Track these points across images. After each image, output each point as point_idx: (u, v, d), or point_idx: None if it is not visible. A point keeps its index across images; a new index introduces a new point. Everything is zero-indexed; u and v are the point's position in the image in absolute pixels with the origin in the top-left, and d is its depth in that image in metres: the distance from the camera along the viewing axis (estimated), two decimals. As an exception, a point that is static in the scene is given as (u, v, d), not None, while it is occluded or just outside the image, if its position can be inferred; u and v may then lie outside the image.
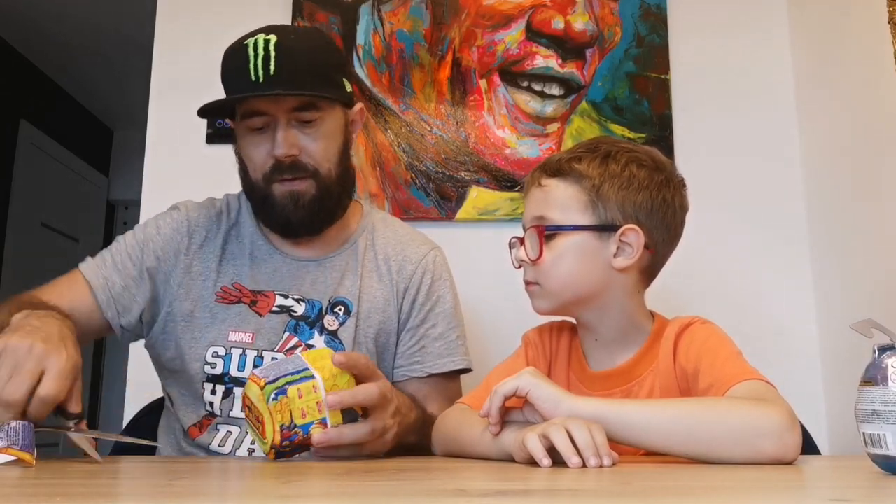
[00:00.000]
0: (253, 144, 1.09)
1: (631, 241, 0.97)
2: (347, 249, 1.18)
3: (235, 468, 0.81)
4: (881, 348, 0.64)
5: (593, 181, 0.98)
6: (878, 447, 0.61)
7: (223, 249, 1.15)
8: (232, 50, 1.10)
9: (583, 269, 0.98)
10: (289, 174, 1.08)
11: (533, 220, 1.01)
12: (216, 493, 0.56)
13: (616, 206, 0.97)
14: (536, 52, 1.81)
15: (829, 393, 1.64)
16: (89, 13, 3.28)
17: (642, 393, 0.98)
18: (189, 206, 1.19)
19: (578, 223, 0.98)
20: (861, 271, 1.52)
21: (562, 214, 0.99)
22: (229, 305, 1.12)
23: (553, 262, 0.98)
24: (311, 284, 1.14)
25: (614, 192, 0.98)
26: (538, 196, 1.02)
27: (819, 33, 1.71)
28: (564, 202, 0.99)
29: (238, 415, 1.08)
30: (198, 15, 1.88)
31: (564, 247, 0.98)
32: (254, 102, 1.06)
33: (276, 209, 1.10)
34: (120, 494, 0.53)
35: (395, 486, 0.61)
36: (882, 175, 1.44)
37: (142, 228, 1.17)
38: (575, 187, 0.99)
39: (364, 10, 1.84)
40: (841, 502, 0.47)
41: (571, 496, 0.53)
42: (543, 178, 1.01)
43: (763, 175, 1.77)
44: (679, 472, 0.72)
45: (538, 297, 1.02)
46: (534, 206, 1.02)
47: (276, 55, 1.03)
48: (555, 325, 1.11)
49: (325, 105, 1.09)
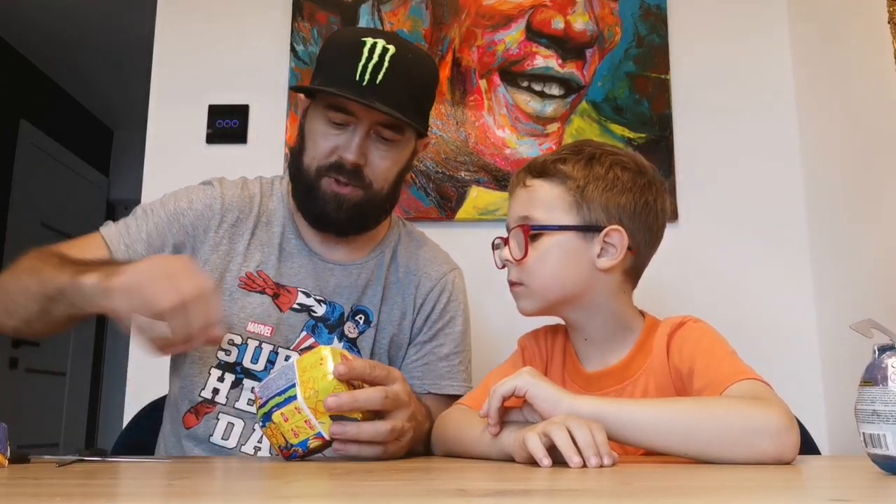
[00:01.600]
0: (324, 134, 1.08)
1: (615, 241, 0.98)
2: (374, 259, 1.18)
3: (236, 468, 0.81)
4: (881, 348, 0.64)
5: (578, 182, 0.99)
6: (878, 447, 0.61)
7: (253, 234, 1.14)
8: (343, 39, 1.09)
9: (567, 269, 0.99)
10: (345, 177, 1.07)
11: (518, 220, 1.01)
12: (216, 493, 0.56)
13: (600, 207, 0.99)
14: (536, 52, 1.81)
15: (829, 393, 1.64)
16: (89, 13, 3.28)
17: (637, 392, 0.98)
18: (224, 184, 1.17)
19: (563, 223, 0.99)
20: (861, 271, 1.51)
21: (546, 214, 0.99)
22: (250, 292, 1.11)
23: (537, 262, 0.99)
24: (334, 287, 1.14)
25: (598, 193, 0.99)
26: (523, 196, 1.02)
27: (819, 33, 1.71)
28: (549, 202, 1.00)
29: (245, 407, 1.08)
30: (198, 15, 1.89)
31: (549, 246, 0.99)
32: (349, 102, 1.04)
33: (317, 202, 1.09)
34: (120, 494, 0.53)
35: (395, 486, 0.61)
36: (882, 175, 1.44)
37: (172, 200, 1.14)
38: (560, 188, 1.00)
39: (364, 10, 1.84)
40: (841, 502, 0.47)
41: (571, 496, 0.53)
42: (528, 178, 1.02)
43: (763, 175, 1.77)
44: (679, 472, 0.72)
45: (523, 298, 1.02)
46: (518, 207, 1.02)
47: (388, 66, 1.03)
48: (549, 328, 1.12)
49: (407, 130, 1.09)
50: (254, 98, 1.83)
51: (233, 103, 1.83)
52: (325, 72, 1.08)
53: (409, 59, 1.06)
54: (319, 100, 1.09)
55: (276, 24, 1.86)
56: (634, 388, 0.98)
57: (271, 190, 1.20)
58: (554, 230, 0.99)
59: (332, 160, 1.07)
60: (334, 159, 1.07)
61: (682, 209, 1.75)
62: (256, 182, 1.20)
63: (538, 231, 0.99)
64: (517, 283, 1.02)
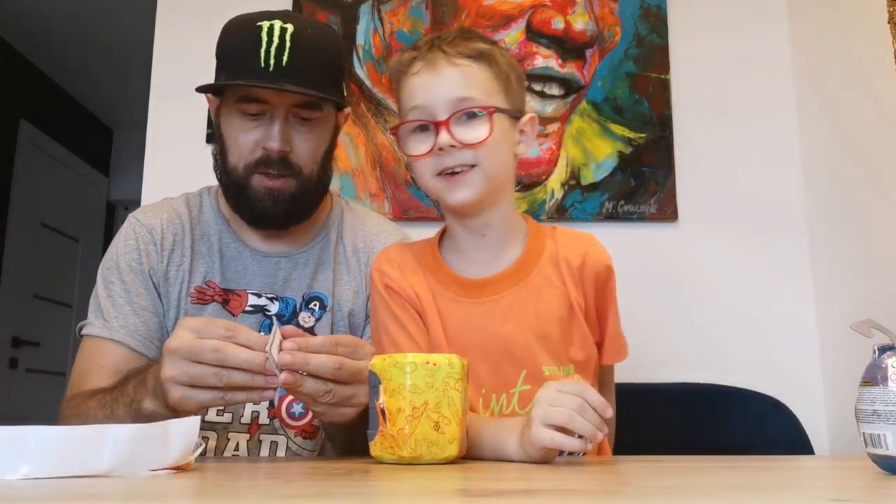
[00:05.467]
0: (242, 130, 1.05)
1: (528, 130, 1.01)
2: (319, 243, 1.15)
3: (235, 468, 0.81)
4: (881, 348, 0.64)
5: (502, 69, 0.99)
6: (878, 447, 0.61)
7: (192, 250, 1.11)
8: (239, 26, 1.05)
9: (507, 154, 1.00)
10: (274, 169, 1.04)
11: (456, 101, 0.94)
12: (216, 493, 0.56)
13: (518, 95, 1.01)
14: (536, 52, 1.81)
15: (829, 393, 1.64)
16: (90, 13, 3.28)
17: (530, 297, 0.98)
18: (147, 214, 1.14)
19: (503, 107, 0.97)
20: (861, 271, 1.52)
21: (487, 97, 0.96)
22: (204, 306, 1.08)
23: (496, 143, 0.95)
24: (283, 281, 1.12)
25: (515, 81, 1.01)
26: (455, 75, 0.96)
27: (819, 33, 1.71)
28: (487, 85, 0.97)
29: (214, 419, 1.05)
30: (198, 15, 1.88)
31: (500, 128, 0.96)
32: (260, 90, 1.02)
33: (250, 201, 1.06)
34: (119, 494, 0.53)
35: (395, 486, 0.61)
36: (882, 175, 1.44)
37: (114, 262, 1.10)
38: (490, 72, 0.97)
39: (364, 9, 1.84)
40: (841, 502, 0.47)
41: (571, 496, 0.53)
42: (456, 58, 0.96)
43: (763, 175, 1.77)
44: (679, 472, 0.72)
45: (470, 184, 0.96)
46: (453, 86, 0.95)
47: (290, 46, 1.00)
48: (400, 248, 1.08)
49: (325, 106, 1.07)
50: (254, 98, 1.83)
51: (233, 103, 1.83)
52: (227, 65, 1.05)
53: (311, 34, 1.03)
54: (229, 95, 1.06)
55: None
56: (530, 291, 0.98)
57: (200, 202, 1.17)
58: (505, 114, 0.97)
59: (258, 155, 1.04)
60: (259, 154, 1.04)
61: (682, 209, 1.75)
62: (181, 199, 1.17)
63: (497, 113, 0.95)
64: (468, 165, 0.95)
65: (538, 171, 1.77)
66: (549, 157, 1.77)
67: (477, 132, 0.94)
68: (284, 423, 1.06)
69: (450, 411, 0.75)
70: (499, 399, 0.96)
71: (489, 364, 0.97)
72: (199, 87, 1.05)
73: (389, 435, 0.75)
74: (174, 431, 0.65)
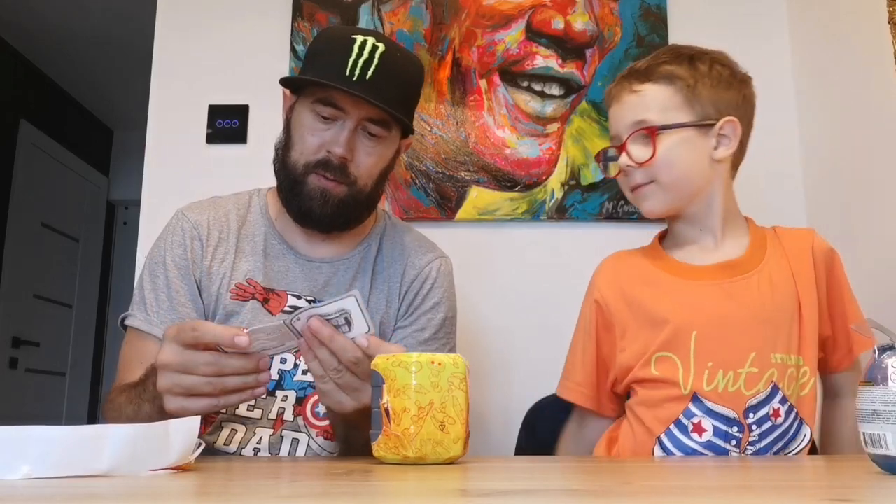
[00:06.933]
0: (311, 129, 1.08)
1: (728, 132, 1.07)
2: (361, 252, 1.18)
3: (236, 468, 0.81)
4: (881, 348, 0.64)
5: (686, 81, 1.06)
6: (878, 447, 0.61)
7: (237, 247, 1.14)
8: (336, 33, 1.10)
9: (692, 163, 1.06)
10: (331, 174, 1.07)
11: (633, 126, 1.06)
12: (216, 493, 0.56)
13: (710, 102, 1.06)
14: (536, 52, 1.81)
15: (829, 393, 1.64)
16: (90, 13, 3.29)
17: (762, 282, 1.04)
18: (194, 210, 1.17)
19: (680, 121, 1.05)
20: (861, 271, 1.51)
21: (662, 115, 1.05)
22: (244, 302, 1.11)
23: (666, 158, 1.05)
24: (323, 286, 1.14)
25: (707, 89, 1.06)
26: (633, 101, 1.07)
27: (819, 33, 1.71)
28: (663, 103, 1.06)
29: (244, 413, 1.08)
30: (198, 15, 1.89)
31: (674, 143, 1.05)
32: (339, 95, 1.05)
33: (301, 197, 1.09)
34: (119, 494, 0.53)
35: (395, 486, 0.61)
36: (882, 175, 1.44)
37: (160, 256, 1.12)
38: (670, 89, 1.06)
39: (364, 9, 1.84)
40: (841, 502, 0.47)
41: (572, 496, 0.53)
42: (635, 84, 1.07)
43: (762, 175, 1.77)
44: (679, 471, 0.72)
45: (651, 197, 1.07)
46: (630, 113, 1.07)
47: (378, 63, 1.04)
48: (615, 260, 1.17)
49: (394, 127, 1.10)
50: (254, 98, 1.83)
51: (233, 103, 1.83)
52: (314, 66, 1.08)
53: (398, 58, 1.07)
54: (307, 95, 1.09)
55: (277, 25, 1.86)
56: (760, 278, 1.05)
57: (248, 202, 1.20)
58: (675, 128, 1.05)
59: (320, 156, 1.08)
60: (322, 155, 1.07)
61: (682, 209, 1.75)
62: (230, 198, 1.20)
63: (661, 130, 1.04)
64: (644, 183, 1.07)
65: (538, 172, 1.77)
66: (549, 158, 1.78)
67: (645, 151, 1.05)
68: (308, 421, 1.08)
69: (454, 411, 0.75)
70: (725, 375, 1.01)
71: (716, 341, 1.02)
72: (283, 80, 1.10)
73: (394, 435, 0.74)
74: (174, 431, 0.65)
